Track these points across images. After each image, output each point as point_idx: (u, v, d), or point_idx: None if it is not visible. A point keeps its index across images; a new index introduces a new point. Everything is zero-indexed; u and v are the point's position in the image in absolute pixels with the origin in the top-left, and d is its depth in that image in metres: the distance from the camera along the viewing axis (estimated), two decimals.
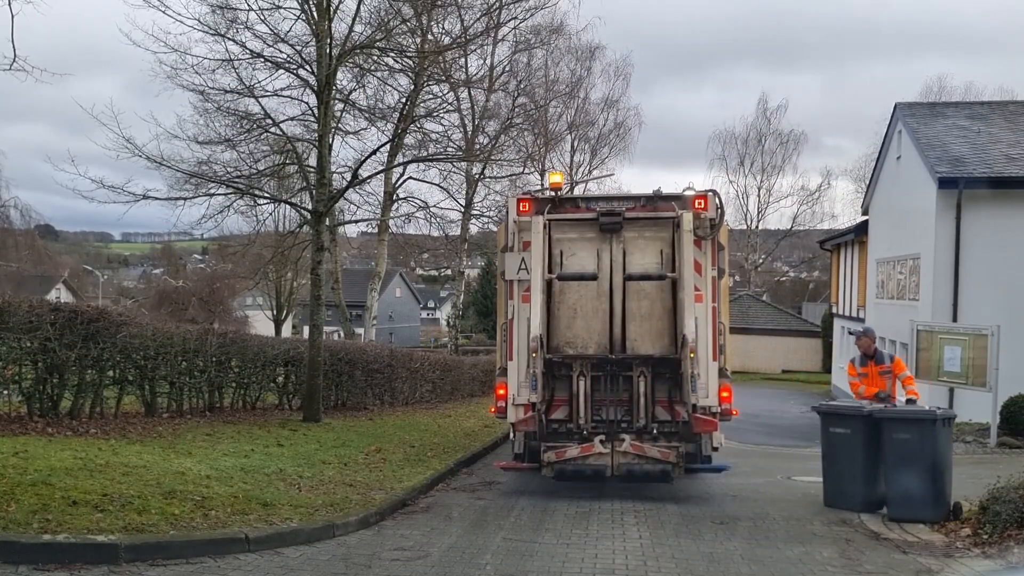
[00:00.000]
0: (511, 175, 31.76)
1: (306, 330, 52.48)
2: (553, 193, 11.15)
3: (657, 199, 10.95)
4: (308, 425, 15.10)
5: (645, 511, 9.92)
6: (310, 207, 15.58)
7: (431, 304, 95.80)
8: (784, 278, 72.00)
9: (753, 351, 41.44)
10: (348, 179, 16.44)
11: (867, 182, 33.98)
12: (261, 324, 51.92)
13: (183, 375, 14.21)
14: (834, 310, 34.16)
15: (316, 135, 15.77)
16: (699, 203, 10.68)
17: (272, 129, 14.95)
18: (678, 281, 10.45)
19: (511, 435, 11.06)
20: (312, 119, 17.07)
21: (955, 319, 20.02)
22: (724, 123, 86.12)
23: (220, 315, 41.95)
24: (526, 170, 32.62)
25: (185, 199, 13.68)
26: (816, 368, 40.82)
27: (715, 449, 11.02)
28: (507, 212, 11.26)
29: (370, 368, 19.70)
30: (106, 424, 11.93)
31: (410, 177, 26.06)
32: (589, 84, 41.82)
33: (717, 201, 10.97)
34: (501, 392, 10.88)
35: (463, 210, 30.79)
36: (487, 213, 30.53)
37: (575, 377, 10.64)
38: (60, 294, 66.88)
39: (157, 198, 13.28)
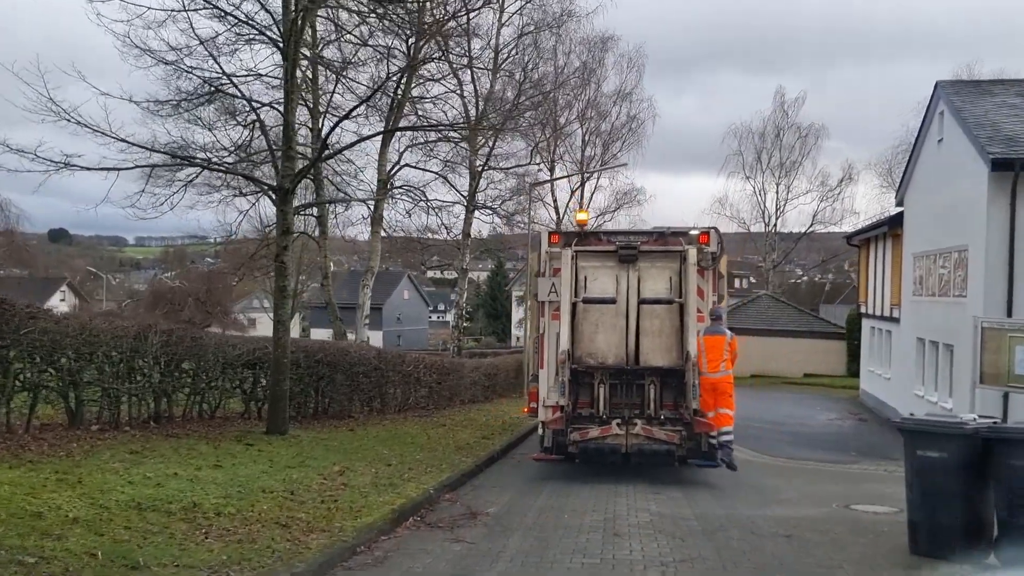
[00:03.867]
0: (517, 166, 29.24)
1: (315, 332, 50.44)
2: (579, 228, 13.00)
3: (667, 234, 12.31)
4: (270, 438, 12.58)
5: (675, 563, 7.28)
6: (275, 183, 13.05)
7: (441, 307, 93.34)
8: (800, 280, 68.97)
9: (773, 354, 38.60)
10: (331, 152, 13.84)
11: (902, 171, 31.24)
12: (267, 326, 49.57)
13: (120, 380, 11.74)
14: (862, 310, 31.33)
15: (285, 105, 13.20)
16: (702, 239, 12.02)
17: (230, 90, 12.46)
18: (684, 305, 11.79)
19: (540, 431, 12.41)
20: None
21: (1010, 315, 17.31)
22: (740, 118, 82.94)
23: (218, 316, 39.53)
24: (533, 162, 30.11)
25: (120, 170, 11.17)
26: (840, 372, 37.93)
27: (712, 446, 11.78)
28: (540, 243, 12.57)
29: (354, 371, 17.16)
30: (6, 439, 9.45)
31: (406, 164, 23.56)
32: (601, 75, 39.35)
33: (718, 237, 12.41)
34: (533, 395, 12.44)
35: (466, 204, 28.24)
36: (490, 204, 27.96)
37: (596, 384, 11.94)
38: (65, 297, 65.13)
39: (81, 167, 10.80)
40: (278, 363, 13.05)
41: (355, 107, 14.23)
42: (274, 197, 12.98)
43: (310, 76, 21.38)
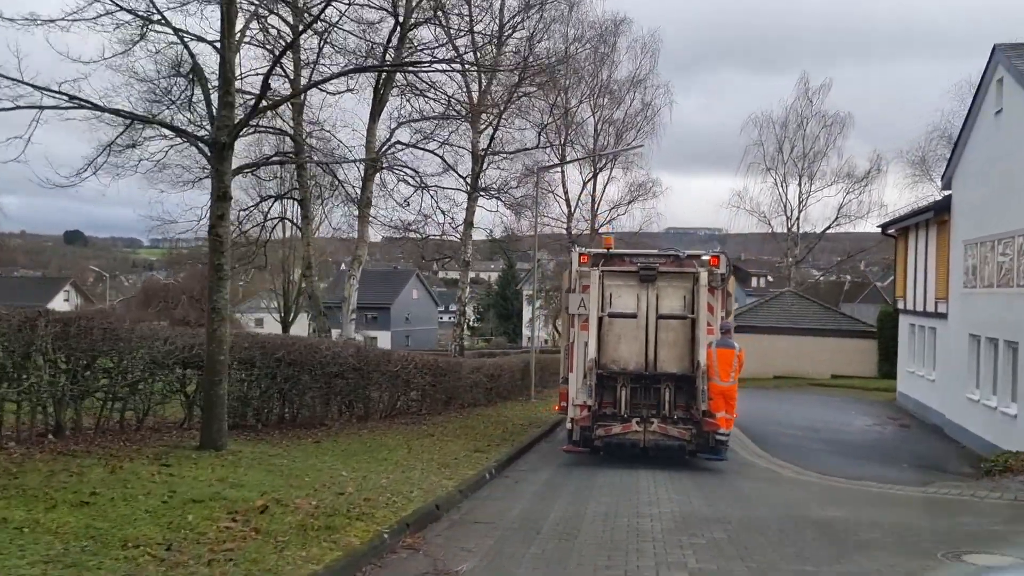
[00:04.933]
0: (523, 149, 26.31)
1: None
2: (606, 250, 13.55)
3: (682, 257, 13.29)
4: (199, 456, 9.72)
5: None
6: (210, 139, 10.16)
7: (452, 307, 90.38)
8: (819, 280, 65.45)
9: (799, 353, 35.44)
10: (280, 99, 10.93)
11: (938, 156, 28.10)
12: (274, 327, 47.06)
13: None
14: (899, 305, 28.18)
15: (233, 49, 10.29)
16: (713, 261, 13.15)
17: (156, 19, 9.55)
18: (696, 320, 12.88)
19: (569, 426, 13.31)
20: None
21: None
22: (760, 107, 78.87)
23: None
24: (540, 146, 27.19)
25: None
26: (870, 373, 34.72)
27: (719, 442, 12.83)
28: (571, 263, 13.75)
29: (326, 372, 14.30)
30: None
31: (398, 143, 20.65)
32: (613, 61, 36.48)
33: (726, 260, 13.76)
34: (564, 395, 13.72)
35: (467, 190, 25.39)
36: (494, 190, 25.01)
37: (619, 387, 12.93)
38: (69, 297, 63.20)
39: None
40: (212, 361, 10.20)
41: (300, 32, 11.33)
42: (209, 155, 10.11)
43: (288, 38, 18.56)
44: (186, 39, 9.99)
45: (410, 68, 16.13)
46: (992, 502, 10.57)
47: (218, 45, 10.02)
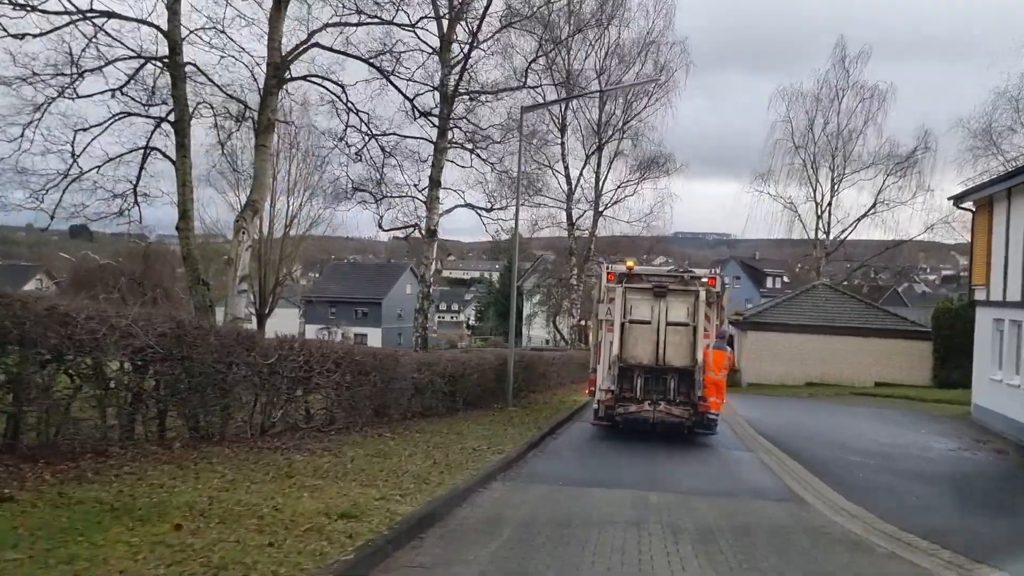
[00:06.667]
0: (504, 89, 19.76)
1: (309, 330, 41.13)
2: (627, 271, 15.57)
3: (687, 278, 15.46)
4: None
5: None
6: None
7: (455, 307, 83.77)
8: (843, 282, 58.42)
9: (834, 356, 28.61)
10: None
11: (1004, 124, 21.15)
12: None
13: None
14: (978, 296, 21.38)
15: None
16: (711, 281, 15.45)
17: None
18: (696, 327, 15.11)
19: (595, 405, 15.58)
20: None
21: None
22: (790, 81, 71.59)
23: (159, 298, 30.37)
24: (528, 83, 20.61)
25: None
26: (923, 381, 27.82)
27: (711, 421, 15.22)
28: (601, 280, 15.88)
29: (103, 364, 7.75)
30: None
31: (316, 45, 13.96)
32: (623, 19, 30.07)
33: (721, 280, 16.13)
34: (592, 382, 16.03)
35: (435, 141, 18.86)
36: (464, 145, 18.44)
37: (635, 376, 15.17)
38: (42, 285, 58.25)
39: None
40: None
41: None
42: None
43: None
44: None
45: None
46: None
47: None
